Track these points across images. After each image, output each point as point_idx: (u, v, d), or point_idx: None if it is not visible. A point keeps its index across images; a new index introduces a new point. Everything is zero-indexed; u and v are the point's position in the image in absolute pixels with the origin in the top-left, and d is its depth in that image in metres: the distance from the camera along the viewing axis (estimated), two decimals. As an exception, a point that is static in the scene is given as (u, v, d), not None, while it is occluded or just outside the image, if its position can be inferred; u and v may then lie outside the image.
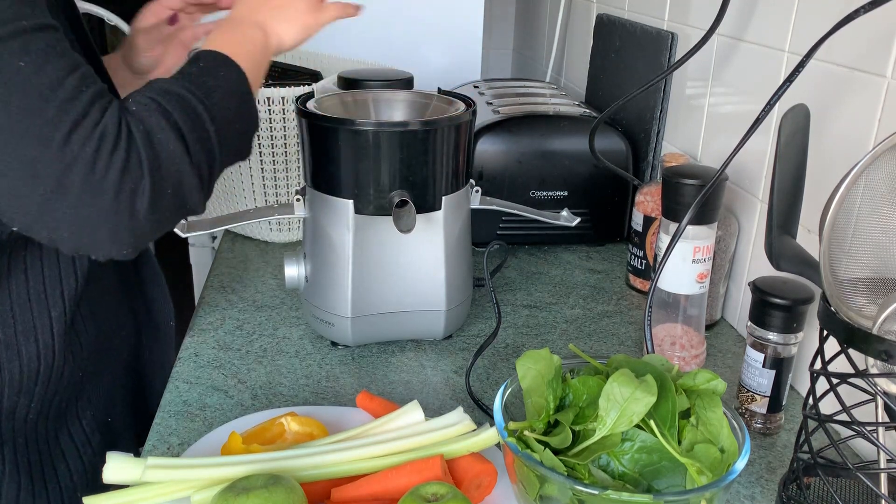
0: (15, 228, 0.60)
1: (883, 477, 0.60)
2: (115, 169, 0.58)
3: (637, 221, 1.10)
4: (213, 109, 0.66)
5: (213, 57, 0.70)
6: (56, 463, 0.78)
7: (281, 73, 1.35)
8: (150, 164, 0.60)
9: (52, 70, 0.58)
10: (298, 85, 1.18)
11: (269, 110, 1.15)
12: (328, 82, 1.13)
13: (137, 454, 0.84)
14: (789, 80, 0.74)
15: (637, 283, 1.12)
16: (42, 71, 0.58)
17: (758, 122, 0.77)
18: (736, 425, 0.62)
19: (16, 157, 0.56)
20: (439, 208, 0.89)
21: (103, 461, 0.72)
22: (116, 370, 0.88)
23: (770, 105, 0.75)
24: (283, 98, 1.14)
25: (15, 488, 0.76)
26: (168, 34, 0.97)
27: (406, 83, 1.02)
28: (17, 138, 0.56)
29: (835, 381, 0.60)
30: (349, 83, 1.02)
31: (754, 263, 0.97)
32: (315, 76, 1.36)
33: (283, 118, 1.17)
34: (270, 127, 1.17)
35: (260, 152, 1.18)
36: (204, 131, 0.65)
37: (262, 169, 1.20)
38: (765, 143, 0.94)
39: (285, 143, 1.19)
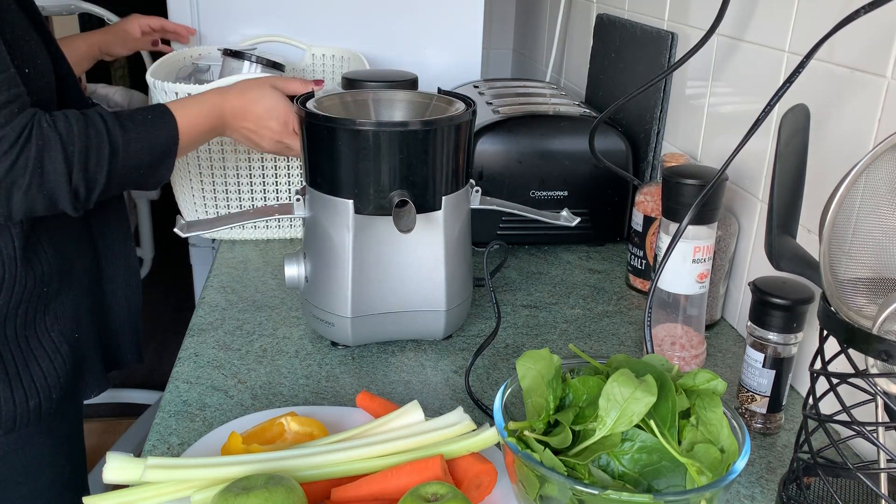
0: None
1: (883, 477, 0.60)
2: (3, 166, 0.74)
3: (637, 221, 1.10)
4: (122, 154, 0.81)
5: (165, 118, 0.86)
6: (29, 363, 0.89)
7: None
8: (33, 170, 0.76)
9: None
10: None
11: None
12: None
13: (102, 370, 1.01)
14: (789, 80, 0.74)
15: (637, 283, 1.12)
16: None
17: (758, 122, 0.77)
18: (736, 425, 0.62)
19: None
20: (439, 208, 0.89)
21: (74, 370, 0.94)
22: (79, 293, 0.96)
23: (770, 106, 0.75)
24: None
25: None
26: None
27: (411, 84, 1.02)
28: None
29: (835, 381, 0.60)
30: (353, 84, 1.02)
31: (754, 263, 0.97)
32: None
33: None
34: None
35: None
36: (97, 167, 0.79)
37: (263, 168, 1.20)
38: (765, 143, 0.94)
39: (285, 143, 1.19)
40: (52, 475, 0.94)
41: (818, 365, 0.63)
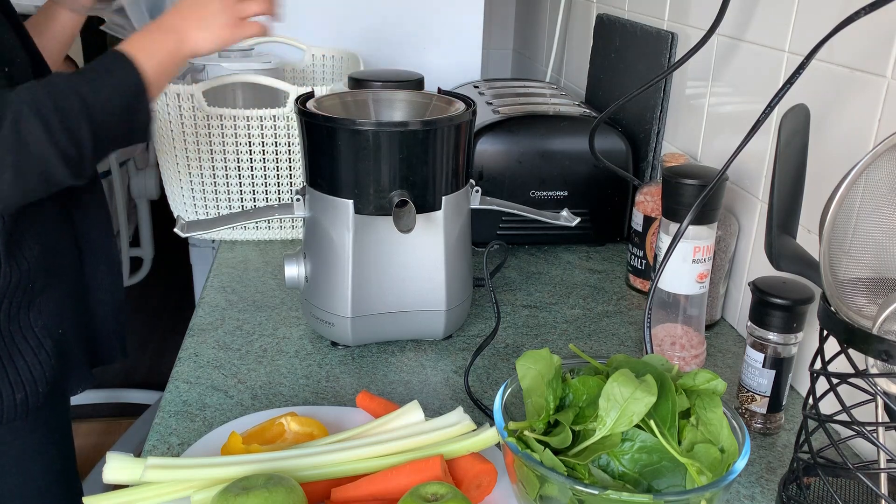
0: None
1: (883, 477, 0.60)
2: None
3: (637, 221, 1.10)
4: (93, 105, 0.78)
5: (117, 58, 0.82)
6: (14, 358, 0.89)
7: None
8: (13, 145, 0.74)
9: None
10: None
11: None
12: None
13: (87, 365, 1.01)
14: (789, 81, 0.74)
15: (637, 283, 1.12)
16: None
17: (758, 123, 0.77)
18: (736, 425, 0.62)
19: None
20: (439, 208, 0.89)
21: (59, 364, 0.94)
22: (63, 288, 0.96)
23: (770, 107, 0.75)
24: (285, 94, 1.15)
25: None
26: None
27: (417, 84, 1.02)
28: None
29: (835, 381, 0.60)
30: (360, 84, 1.02)
31: (754, 263, 0.97)
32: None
33: (286, 117, 1.17)
34: (274, 125, 1.17)
35: (263, 150, 1.19)
36: (76, 123, 0.77)
37: (265, 168, 1.20)
38: (765, 143, 0.94)
39: (289, 143, 1.19)
40: (42, 467, 0.96)
41: (818, 365, 0.63)
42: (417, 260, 0.90)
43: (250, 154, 1.19)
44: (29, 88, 0.76)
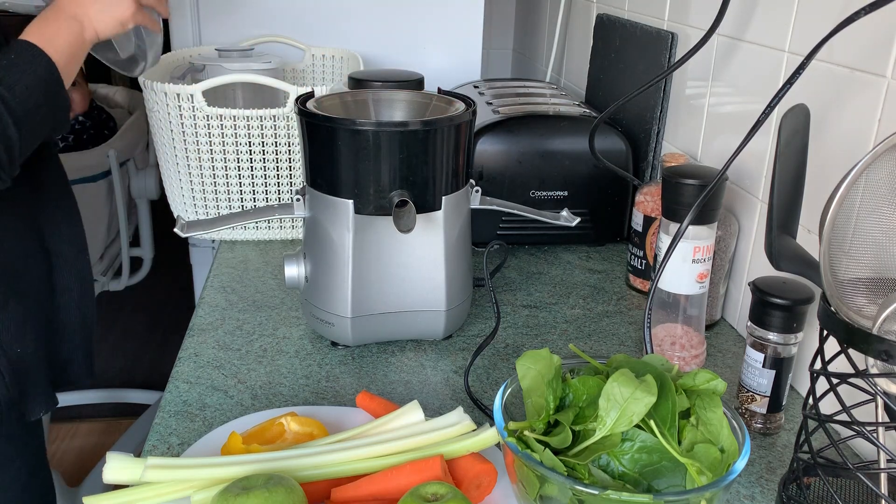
0: None
1: (883, 477, 0.60)
2: None
3: (637, 221, 1.10)
4: (14, 100, 0.77)
5: (24, 49, 0.81)
6: None
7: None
8: None
9: None
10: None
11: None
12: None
13: (50, 387, 0.95)
14: (789, 82, 0.74)
15: (637, 283, 1.12)
16: None
17: (758, 124, 0.77)
18: (736, 425, 0.62)
19: None
20: (439, 208, 0.89)
21: (15, 386, 0.89)
22: (26, 301, 0.92)
23: (770, 107, 0.75)
24: (285, 94, 1.15)
25: None
26: None
27: (417, 84, 1.02)
28: None
29: (835, 381, 0.60)
30: (361, 84, 1.02)
31: (754, 263, 0.97)
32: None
33: (286, 117, 1.17)
34: (274, 125, 1.17)
35: (263, 150, 1.19)
36: (3, 122, 0.76)
37: (265, 168, 1.20)
38: (765, 143, 0.94)
39: (289, 143, 1.19)
40: (9, 479, 0.94)
41: (818, 365, 0.63)
42: (417, 260, 0.90)
43: (250, 154, 1.19)
44: None
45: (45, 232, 0.97)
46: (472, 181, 0.95)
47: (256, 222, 1.24)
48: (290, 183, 1.22)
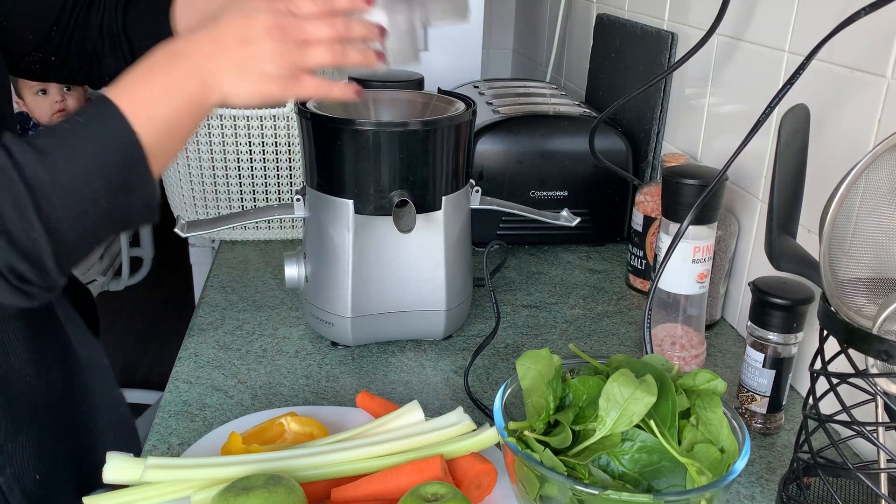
0: None
1: (883, 477, 0.60)
2: None
3: (637, 221, 1.10)
4: (52, 190, 0.53)
5: (100, 111, 0.56)
6: None
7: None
8: None
9: None
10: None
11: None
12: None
13: (77, 496, 0.72)
14: (790, 82, 0.74)
15: (637, 283, 1.12)
16: None
17: (758, 124, 0.77)
18: (736, 425, 0.62)
19: None
20: (439, 208, 0.89)
21: None
22: (44, 420, 0.75)
23: (770, 108, 0.75)
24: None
25: None
26: None
27: (417, 84, 1.02)
28: None
29: (835, 381, 0.60)
30: (360, 84, 1.01)
31: (754, 263, 0.97)
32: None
33: (286, 117, 1.17)
34: (274, 125, 1.17)
35: (263, 150, 1.19)
36: (22, 222, 0.52)
37: (265, 168, 1.20)
38: (765, 143, 0.94)
39: (289, 143, 1.19)
40: None
41: (818, 365, 0.63)
42: (417, 260, 0.90)
43: (250, 154, 1.19)
44: None
45: (53, 335, 0.78)
46: (472, 181, 0.95)
47: (256, 222, 1.24)
48: (290, 183, 1.22)
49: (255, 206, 1.23)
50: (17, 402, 0.71)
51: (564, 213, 1.06)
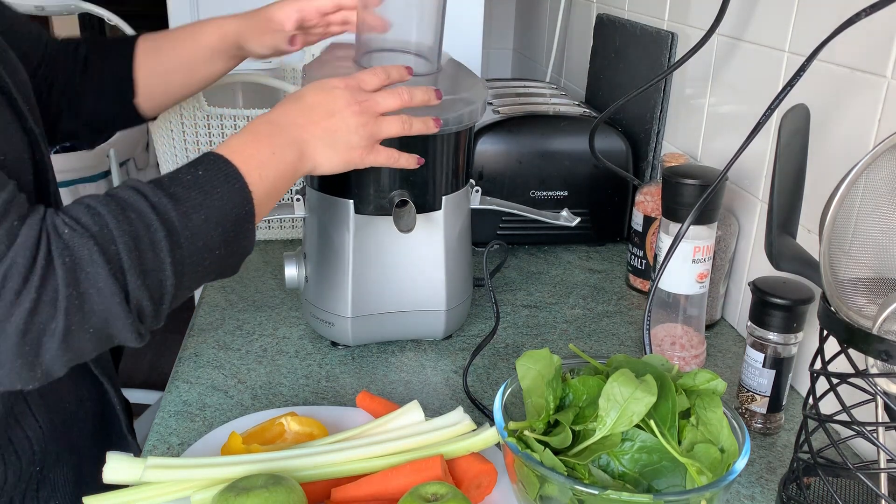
0: None
1: (883, 477, 0.60)
2: (21, 310, 0.50)
3: (637, 221, 1.10)
4: (183, 235, 0.56)
5: (219, 168, 0.60)
6: None
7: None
8: (68, 303, 0.51)
9: None
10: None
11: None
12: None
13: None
14: (790, 83, 0.74)
15: (637, 283, 1.12)
16: None
17: (759, 125, 0.77)
18: (736, 425, 0.62)
19: None
20: (439, 208, 0.89)
21: None
22: (83, 447, 0.76)
23: (771, 109, 0.76)
24: (285, 94, 1.14)
25: None
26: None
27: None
28: None
29: (835, 381, 0.60)
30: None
31: (754, 263, 0.97)
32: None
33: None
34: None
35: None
36: (157, 263, 0.55)
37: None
38: (765, 143, 0.94)
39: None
40: None
41: (818, 365, 0.63)
42: (417, 260, 0.90)
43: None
44: (90, 210, 0.54)
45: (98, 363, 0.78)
46: (472, 181, 0.95)
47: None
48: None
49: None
50: (52, 434, 0.73)
51: (564, 213, 1.06)
